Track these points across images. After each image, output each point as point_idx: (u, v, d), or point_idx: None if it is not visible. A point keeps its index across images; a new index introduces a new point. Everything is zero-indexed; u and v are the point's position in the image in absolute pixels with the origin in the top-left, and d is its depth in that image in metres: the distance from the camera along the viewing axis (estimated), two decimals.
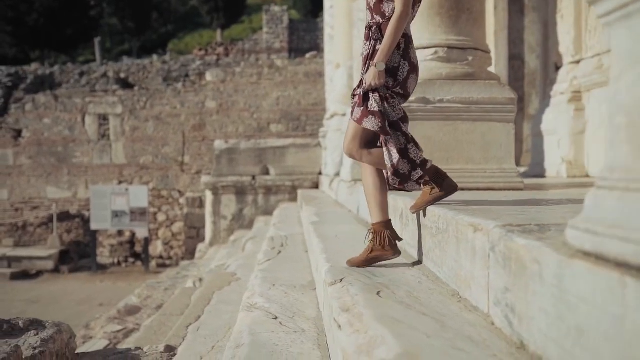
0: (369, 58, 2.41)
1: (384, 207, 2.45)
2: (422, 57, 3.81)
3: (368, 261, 2.43)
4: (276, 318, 2.59)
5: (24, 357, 2.44)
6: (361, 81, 2.43)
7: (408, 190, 2.51)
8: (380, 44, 2.37)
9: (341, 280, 2.19)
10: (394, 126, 2.38)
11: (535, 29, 8.57)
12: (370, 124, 2.35)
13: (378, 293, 1.97)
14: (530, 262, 1.35)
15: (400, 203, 2.91)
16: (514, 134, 3.80)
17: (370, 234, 2.44)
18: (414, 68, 2.43)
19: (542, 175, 6.37)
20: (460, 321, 1.63)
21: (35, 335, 2.77)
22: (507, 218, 1.82)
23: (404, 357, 1.32)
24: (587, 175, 5.88)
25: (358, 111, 2.40)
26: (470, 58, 3.81)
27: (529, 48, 8.69)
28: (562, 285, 1.19)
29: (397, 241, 2.44)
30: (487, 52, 3.97)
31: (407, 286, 2.08)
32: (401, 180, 2.40)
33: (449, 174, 3.63)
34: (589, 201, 1.17)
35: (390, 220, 2.46)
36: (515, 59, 8.68)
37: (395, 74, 2.38)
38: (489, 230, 1.65)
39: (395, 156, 2.33)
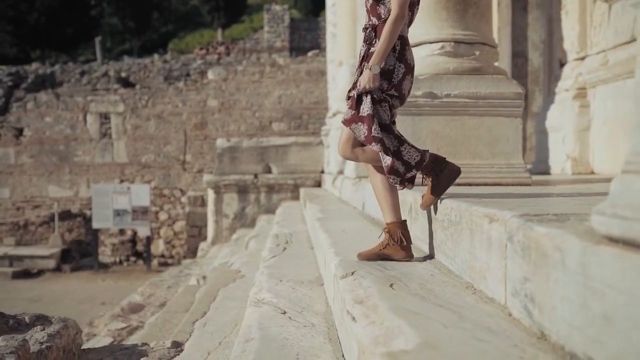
0: (363, 60, 2.40)
1: (395, 207, 2.43)
2: (429, 52, 3.80)
3: (379, 256, 2.41)
4: (285, 313, 2.57)
5: (30, 351, 2.41)
6: (355, 83, 2.41)
7: (409, 188, 2.49)
8: (375, 46, 2.35)
9: (352, 273, 2.17)
10: (386, 129, 2.36)
11: (538, 26, 8.54)
12: (357, 131, 2.36)
13: (391, 285, 1.95)
14: (552, 251, 1.32)
15: (409, 197, 2.89)
16: (521, 128, 3.78)
17: (385, 233, 2.42)
18: (409, 70, 2.42)
19: (546, 172, 6.35)
20: (477, 312, 1.61)
21: (41, 330, 2.74)
22: (523, 209, 1.80)
23: (424, 347, 1.30)
24: (592, 172, 5.86)
25: (349, 113, 2.39)
26: (477, 52, 3.79)
27: (533, 45, 8.66)
28: (587, 273, 1.16)
29: (410, 243, 2.43)
30: (494, 46, 3.95)
31: (420, 279, 2.06)
32: (401, 180, 2.39)
33: None
34: (615, 186, 1.14)
35: (405, 221, 2.43)
36: (519, 56, 8.66)
37: (390, 77, 2.36)
38: (506, 220, 1.63)
39: (388, 159, 2.33)
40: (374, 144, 2.31)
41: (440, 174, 2.41)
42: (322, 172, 10.11)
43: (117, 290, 10.57)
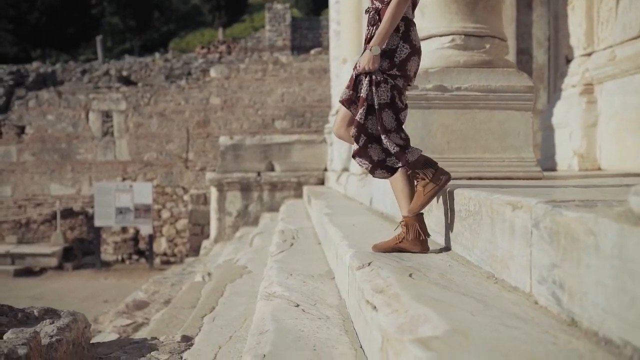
0: (367, 43, 2.38)
1: (412, 199, 2.41)
2: (439, 45, 3.77)
3: (395, 249, 2.38)
4: (298, 305, 2.54)
5: (41, 344, 2.38)
6: (356, 64, 2.40)
7: (377, 177, 2.44)
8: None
9: (369, 264, 2.14)
10: (374, 113, 2.32)
11: (543, 23, 8.52)
12: (354, 110, 2.38)
13: (410, 275, 1.92)
14: (584, 235, 1.29)
15: None
16: (532, 122, 3.75)
17: (401, 226, 2.39)
18: (415, 51, 2.39)
19: (552, 169, 6.32)
20: (502, 301, 1.58)
21: (50, 323, 2.72)
22: (546, 197, 1.76)
23: (453, 334, 1.27)
24: (599, 168, 5.83)
25: (346, 93, 2.39)
26: (487, 46, 3.76)
27: (537, 43, 8.63)
28: (624, 255, 1.13)
29: (427, 237, 2.40)
30: (504, 40, 3.92)
31: (438, 269, 2.03)
32: (373, 166, 2.36)
33: (467, 163, 3.61)
34: None
35: (422, 214, 2.40)
36: (523, 54, 8.63)
37: (392, 56, 2.33)
38: (531, 207, 1.60)
39: (355, 146, 2.32)
40: (352, 126, 2.33)
41: (432, 178, 2.36)
42: (326, 170, 10.08)
43: (120, 288, 10.53)
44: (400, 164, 2.34)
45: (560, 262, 1.42)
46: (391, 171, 2.39)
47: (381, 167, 2.37)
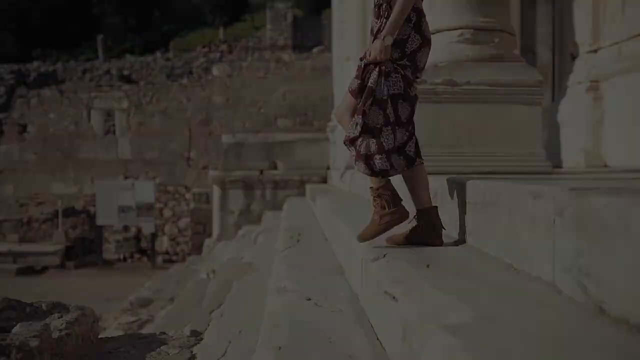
0: (377, 33, 2.35)
1: (427, 193, 2.39)
2: (449, 39, 3.74)
3: (409, 242, 2.36)
4: (310, 299, 2.52)
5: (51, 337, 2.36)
6: (365, 53, 2.36)
7: (358, 169, 2.40)
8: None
9: (384, 256, 2.12)
10: (379, 104, 2.28)
11: (547, 21, 8.48)
12: (359, 99, 2.33)
13: (427, 266, 1.90)
14: (615, 220, 1.27)
15: (436, 183, 2.84)
16: (541, 117, 3.73)
17: (415, 219, 2.36)
18: (426, 42, 2.37)
19: (558, 166, 6.29)
20: (525, 290, 1.56)
21: (59, 317, 2.69)
22: (567, 185, 1.74)
23: (481, 320, 1.25)
24: (605, 165, 5.81)
25: (355, 83, 2.35)
26: (496, 40, 3.73)
27: (541, 40, 8.60)
28: None
29: (442, 229, 2.38)
30: (513, 34, 3.90)
31: (455, 260, 2.01)
32: (357, 156, 2.31)
33: (476, 158, 3.58)
34: None
35: (436, 207, 2.38)
36: (527, 51, 8.58)
37: (404, 46, 2.31)
38: (555, 195, 1.58)
39: (357, 130, 2.27)
40: (355, 114, 2.29)
41: (392, 210, 2.32)
42: (328, 168, 10.05)
43: (122, 287, 10.49)
44: (383, 166, 2.28)
45: (586, 250, 1.39)
46: (370, 170, 2.33)
47: (365, 162, 2.32)
